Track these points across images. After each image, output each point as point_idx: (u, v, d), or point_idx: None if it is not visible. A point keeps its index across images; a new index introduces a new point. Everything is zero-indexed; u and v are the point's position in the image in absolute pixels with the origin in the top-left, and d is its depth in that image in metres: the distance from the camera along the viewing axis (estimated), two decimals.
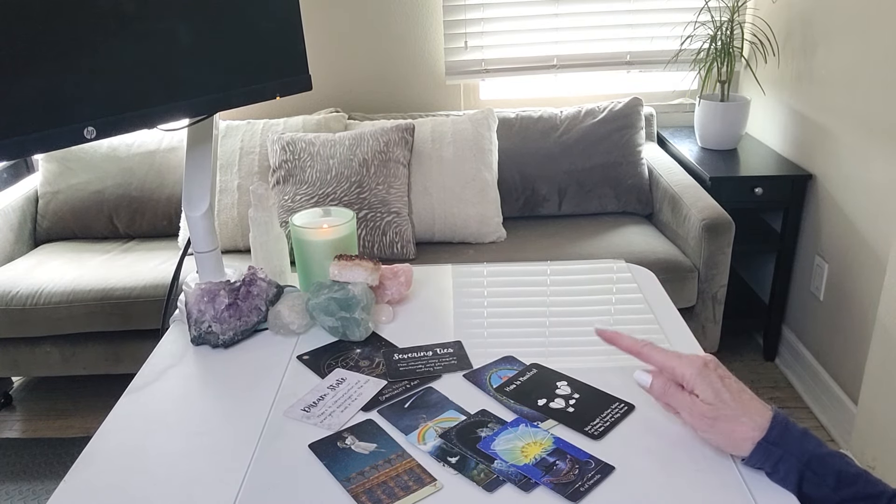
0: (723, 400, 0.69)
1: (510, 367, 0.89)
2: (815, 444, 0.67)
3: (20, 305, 2.08)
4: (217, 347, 0.96)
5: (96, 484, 0.72)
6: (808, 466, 0.66)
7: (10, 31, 0.71)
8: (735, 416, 0.68)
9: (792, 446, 0.66)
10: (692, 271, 2.09)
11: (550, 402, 0.81)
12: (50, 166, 2.48)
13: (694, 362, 0.72)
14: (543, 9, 2.60)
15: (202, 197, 1.01)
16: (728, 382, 0.70)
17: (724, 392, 0.69)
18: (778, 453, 0.67)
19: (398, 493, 0.68)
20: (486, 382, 0.86)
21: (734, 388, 0.70)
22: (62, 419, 2.30)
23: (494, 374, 0.87)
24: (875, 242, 1.89)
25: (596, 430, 0.77)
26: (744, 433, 0.68)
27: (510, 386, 0.85)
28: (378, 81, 2.73)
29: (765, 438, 0.67)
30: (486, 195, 2.28)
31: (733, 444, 0.69)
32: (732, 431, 0.68)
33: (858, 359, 1.98)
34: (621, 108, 2.45)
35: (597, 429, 0.77)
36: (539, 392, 0.84)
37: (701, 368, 0.71)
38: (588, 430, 0.77)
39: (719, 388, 0.70)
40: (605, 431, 0.77)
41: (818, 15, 2.14)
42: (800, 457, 0.66)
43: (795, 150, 2.31)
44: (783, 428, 0.67)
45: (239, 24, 0.90)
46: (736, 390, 0.70)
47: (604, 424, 0.78)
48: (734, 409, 0.69)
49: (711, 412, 0.69)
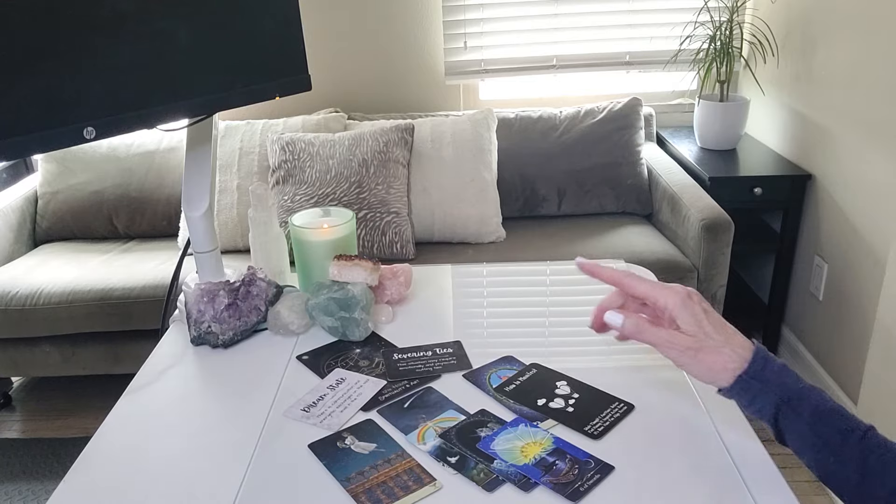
0: (705, 331, 0.69)
1: (510, 367, 0.89)
2: (793, 379, 0.67)
3: (20, 306, 2.08)
4: (217, 347, 0.96)
5: (96, 484, 0.72)
6: (785, 401, 0.66)
7: (10, 32, 0.71)
8: (717, 347, 0.68)
9: (771, 381, 0.67)
10: (691, 271, 2.09)
11: (550, 402, 0.81)
12: (49, 166, 2.48)
13: (678, 292, 0.71)
14: (543, 9, 2.60)
15: (202, 197, 1.01)
16: (711, 314, 0.70)
17: (706, 323, 0.69)
18: (757, 387, 0.67)
19: (398, 493, 0.68)
20: (485, 382, 0.86)
21: (717, 320, 0.70)
22: (62, 419, 2.30)
23: (494, 374, 0.87)
24: (874, 242, 1.89)
25: (595, 429, 0.77)
26: (725, 364, 0.68)
27: (510, 386, 0.85)
28: (377, 82, 2.73)
29: (745, 372, 0.67)
30: (486, 195, 2.28)
31: (713, 374, 0.68)
32: (714, 362, 0.68)
33: (858, 359, 1.98)
34: (621, 109, 2.45)
35: (596, 428, 0.77)
36: (539, 392, 0.84)
37: (684, 299, 0.70)
38: (588, 430, 0.77)
39: (702, 318, 0.69)
40: (604, 431, 0.76)
41: (817, 15, 2.15)
42: (778, 392, 0.66)
43: (795, 150, 2.32)
44: (763, 362, 0.67)
45: (238, 24, 0.90)
46: (719, 322, 0.70)
47: (603, 424, 0.77)
48: (717, 339, 0.68)
49: (695, 343, 0.68)
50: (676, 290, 0.71)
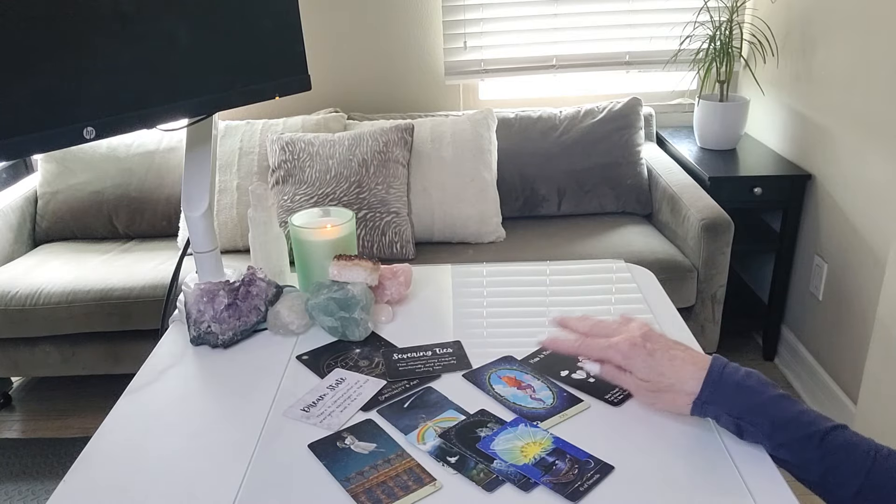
0: (658, 373, 0.74)
1: (510, 367, 0.89)
2: (748, 395, 0.70)
3: (20, 306, 2.08)
4: (216, 347, 0.96)
5: (96, 484, 0.72)
6: (741, 418, 0.70)
7: (9, 32, 0.71)
8: (671, 386, 0.73)
9: (724, 402, 0.71)
10: (691, 271, 2.10)
11: (573, 374, 0.88)
12: (49, 166, 2.48)
13: (621, 346, 0.76)
14: (543, 9, 2.60)
15: (201, 197, 1.01)
16: (658, 354, 0.74)
17: (656, 365, 0.74)
18: (712, 410, 0.72)
19: (398, 493, 0.68)
20: (485, 382, 0.86)
21: (664, 360, 0.74)
22: (62, 419, 2.30)
23: (494, 373, 0.88)
24: (874, 242, 1.89)
25: (616, 397, 0.83)
26: (681, 399, 0.74)
27: (535, 359, 0.91)
28: (377, 81, 2.73)
29: (698, 397, 0.72)
30: (486, 195, 2.28)
31: (676, 408, 0.75)
32: (672, 399, 0.74)
33: (858, 358, 1.98)
34: (620, 108, 2.45)
35: (616, 396, 0.83)
36: (562, 364, 0.89)
37: (628, 350, 0.75)
38: (608, 398, 0.83)
39: (651, 363, 0.74)
40: (623, 399, 0.82)
41: (817, 15, 2.15)
42: (732, 411, 0.71)
43: (795, 150, 2.32)
44: (715, 386, 0.72)
45: (238, 24, 0.90)
46: (667, 360, 0.74)
47: (623, 393, 0.83)
48: (669, 378, 0.73)
49: (652, 387, 0.74)
50: (620, 345, 0.76)
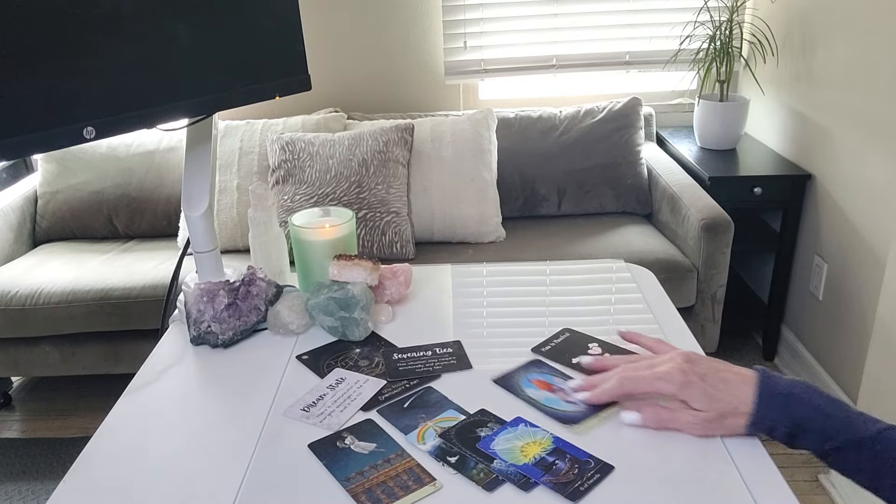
0: (715, 399, 0.73)
1: (540, 371, 0.87)
2: (799, 404, 0.71)
3: (20, 305, 2.08)
4: (216, 347, 0.96)
5: (96, 484, 0.72)
6: (793, 430, 0.70)
7: (9, 32, 0.71)
8: (733, 410, 0.73)
9: (777, 415, 0.71)
10: (691, 271, 2.10)
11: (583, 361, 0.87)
12: (49, 166, 2.48)
13: (673, 377, 0.74)
14: (543, 9, 2.60)
15: (201, 197, 1.01)
16: (710, 378, 0.73)
17: (711, 391, 0.73)
18: (766, 424, 0.72)
19: (398, 493, 0.68)
20: (516, 387, 0.84)
21: (718, 383, 0.73)
22: (62, 419, 2.30)
23: (524, 377, 0.86)
24: (874, 242, 1.89)
25: None
26: (740, 420, 0.73)
27: (546, 347, 0.91)
28: (377, 81, 2.73)
29: (754, 415, 0.72)
30: (486, 195, 2.28)
31: (732, 431, 0.74)
32: (733, 424, 0.73)
33: (858, 358, 1.98)
34: (620, 108, 2.45)
35: None
36: (573, 352, 0.90)
37: (682, 378, 0.73)
38: None
39: (706, 389, 0.73)
40: None
41: (817, 14, 2.15)
42: (785, 422, 0.71)
43: (794, 149, 2.32)
44: (768, 401, 0.72)
45: (238, 24, 0.90)
46: (720, 383, 0.73)
47: None
48: (729, 402, 0.73)
49: (710, 416, 0.73)
50: (672, 378, 0.74)
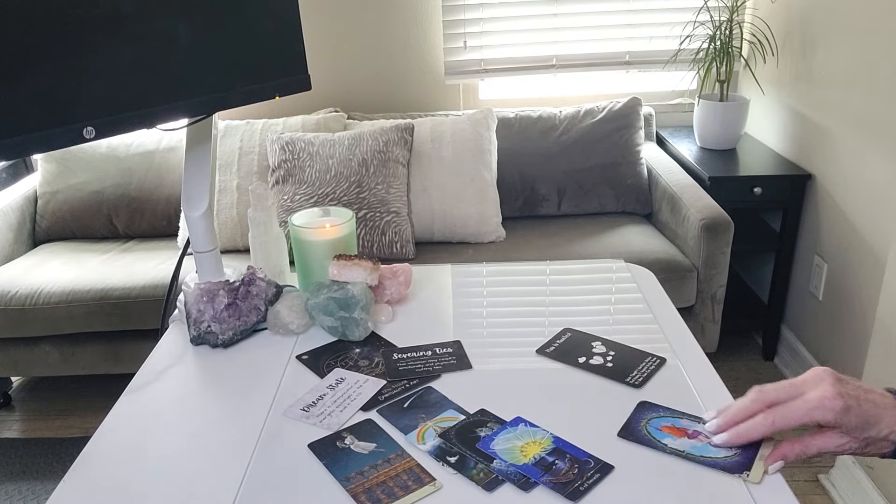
0: (870, 424, 0.68)
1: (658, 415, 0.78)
2: None
3: (19, 305, 2.08)
4: (216, 347, 0.96)
5: (96, 484, 0.72)
6: None
7: (9, 32, 0.71)
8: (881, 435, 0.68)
9: None
10: (691, 271, 2.10)
11: (590, 360, 0.89)
12: (49, 166, 2.48)
13: (828, 403, 0.67)
14: (543, 9, 2.60)
15: (201, 197, 1.01)
16: (862, 401, 0.68)
17: (866, 416, 0.68)
18: None
19: (397, 493, 0.68)
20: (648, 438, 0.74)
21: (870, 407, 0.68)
22: (62, 419, 2.30)
23: (647, 425, 0.77)
24: (874, 242, 1.89)
25: (636, 380, 0.84)
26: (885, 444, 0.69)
27: (550, 347, 0.92)
28: (377, 81, 2.73)
29: None
30: (486, 195, 2.28)
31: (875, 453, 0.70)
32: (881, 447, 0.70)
33: (858, 358, 1.98)
34: (620, 108, 2.45)
35: (636, 379, 0.84)
36: (578, 351, 0.91)
37: (842, 410, 0.67)
38: (629, 381, 0.84)
39: (861, 413, 0.68)
40: (644, 381, 0.84)
41: (817, 14, 2.15)
42: None
43: (794, 149, 2.32)
44: None
45: (238, 24, 0.90)
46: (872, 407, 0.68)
47: (642, 375, 0.85)
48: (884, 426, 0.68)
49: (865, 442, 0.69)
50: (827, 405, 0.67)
